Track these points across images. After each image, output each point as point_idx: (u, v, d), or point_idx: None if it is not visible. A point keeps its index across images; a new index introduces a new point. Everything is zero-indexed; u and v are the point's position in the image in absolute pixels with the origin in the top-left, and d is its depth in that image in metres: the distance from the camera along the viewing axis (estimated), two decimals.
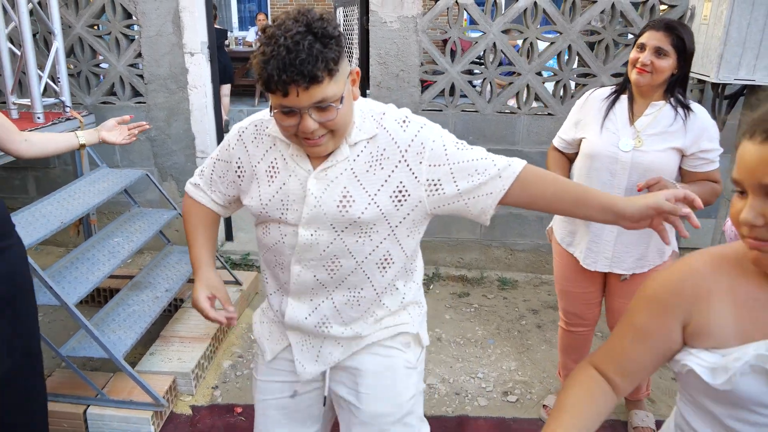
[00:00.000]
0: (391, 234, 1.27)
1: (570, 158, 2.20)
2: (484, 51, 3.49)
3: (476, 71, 3.62)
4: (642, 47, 1.88)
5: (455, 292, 3.64)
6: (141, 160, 3.86)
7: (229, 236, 4.12)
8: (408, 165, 1.23)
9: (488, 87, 3.57)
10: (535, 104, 3.61)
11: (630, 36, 3.48)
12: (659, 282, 0.97)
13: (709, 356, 0.90)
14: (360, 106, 1.25)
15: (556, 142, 2.20)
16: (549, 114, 3.58)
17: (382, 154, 1.23)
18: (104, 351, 2.26)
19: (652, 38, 1.85)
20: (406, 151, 1.23)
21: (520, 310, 3.43)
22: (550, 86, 3.61)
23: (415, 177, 1.23)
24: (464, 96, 3.59)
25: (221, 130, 3.87)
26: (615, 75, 3.48)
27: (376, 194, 1.23)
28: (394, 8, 3.40)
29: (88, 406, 2.36)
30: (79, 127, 3.24)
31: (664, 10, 3.38)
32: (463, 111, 3.61)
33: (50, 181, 3.96)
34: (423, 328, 1.49)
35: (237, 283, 3.38)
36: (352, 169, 1.23)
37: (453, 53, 3.51)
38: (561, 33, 3.44)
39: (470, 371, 2.84)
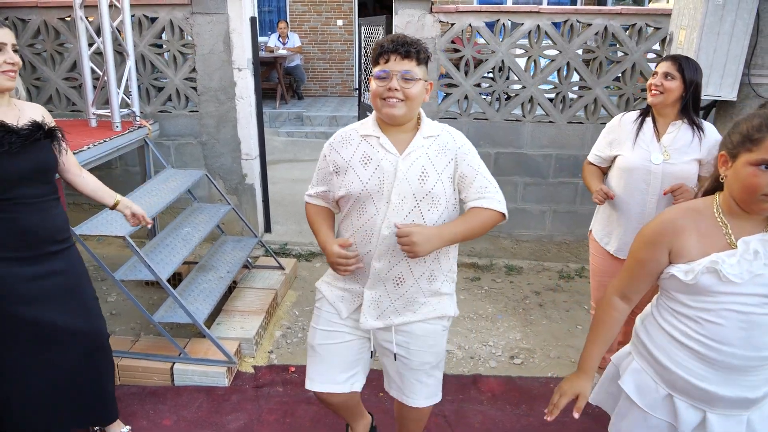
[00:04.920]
0: (447, 205, 1.81)
1: (604, 171, 2.67)
2: (494, 67, 4.02)
3: (486, 84, 4.15)
4: (655, 74, 2.39)
5: (468, 277, 4.18)
6: (192, 162, 4.41)
7: (267, 229, 4.66)
8: (456, 159, 1.81)
9: (497, 98, 4.10)
10: (538, 113, 4.14)
11: (620, 54, 4.00)
12: (652, 228, 1.53)
13: (684, 266, 1.46)
14: (428, 119, 1.86)
15: (592, 158, 2.67)
16: (550, 122, 4.11)
17: (446, 147, 1.81)
18: (189, 317, 2.82)
19: (662, 66, 2.36)
20: (459, 149, 1.81)
21: (525, 292, 3.97)
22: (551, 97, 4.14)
23: (459, 168, 1.81)
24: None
25: (263, 136, 4.42)
26: (607, 87, 4.01)
27: (441, 173, 1.78)
28: (416, 30, 3.94)
29: (174, 363, 2.91)
30: (148, 135, 3.79)
31: (651, 33, 3.90)
32: (475, 119, 4.14)
33: (112, 181, 4.51)
34: (455, 307, 2.03)
35: (280, 267, 3.93)
36: (427, 154, 1.78)
37: (467, 69, 4.05)
38: (560, 51, 3.97)
39: (482, 340, 3.38)
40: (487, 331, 3.48)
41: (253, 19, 4.11)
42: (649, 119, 2.47)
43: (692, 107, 2.39)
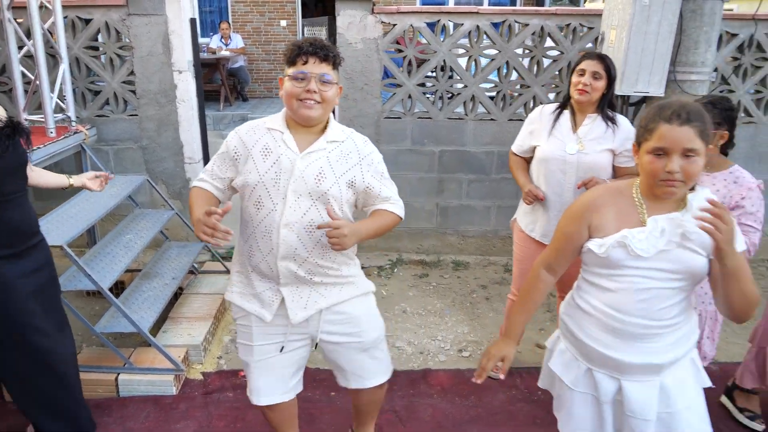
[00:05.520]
0: (341, 207, 1.85)
1: (527, 161, 2.77)
2: (436, 67, 4.09)
3: (429, 84, 4.22)
4: (582, 72, 2.47)
5: (416, 274, 4.24)
6: (133, 167, 4.30)
7: None
8: (361, 168, 1.87)
9: (440, 97, 4.17)
10: (479, 111, 4.23)
11: (556, 53, 4.13)
12: (577, 205, 1.66)
13: (599, 241, 1.58)
14: (337, 123, 1.91)
15: (515, 148, 2.78)
16: (491, 119, 4.21)
17: (348, 154, 1.86)
18: (133, 326, 2.75)
19: (590, 65, 2.45)
20: (363, 159, 1.88)
21: (472, 286, 4.06)
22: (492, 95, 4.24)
23: (363, 177, 1.88)
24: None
25: (206, 139, 4.35)
26: (545, 85, 4.14)
27: (339, 178, 1.82)
28: (358, 31, 3.96)
29: (119, 374, 2.84)
30: (85, 140, 3.68)
31: (585, 32, 4.05)
32: (419, 118, 4.20)
33: (48, 188, 4.33)
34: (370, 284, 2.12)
35: (227, 271, 3.88)
36: (327, 157, 1.82)
37: (410, 69, 4.10)
38: (500, 51, 4.07)
39: (431, 335, 3.44)
40: (435, 326, 3.55)
41: (192, 21, 4.05)
42: (566, 112, 2.59)
43: (609, 103, 2.53)
